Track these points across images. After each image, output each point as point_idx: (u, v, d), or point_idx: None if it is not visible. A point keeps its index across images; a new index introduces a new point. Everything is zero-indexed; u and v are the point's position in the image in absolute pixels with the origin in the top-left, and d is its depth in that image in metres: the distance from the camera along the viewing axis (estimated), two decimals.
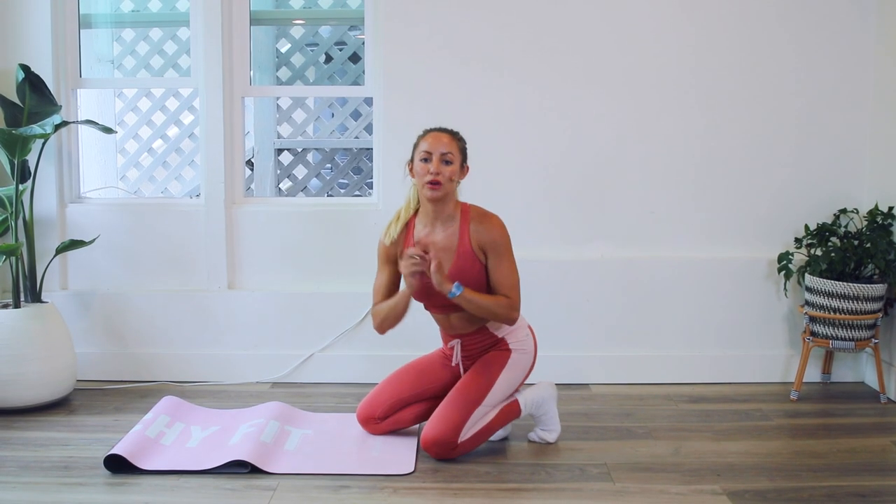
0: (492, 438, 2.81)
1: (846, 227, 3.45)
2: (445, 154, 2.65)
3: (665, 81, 3.48)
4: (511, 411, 2.77)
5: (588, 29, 3.45)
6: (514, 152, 3.48)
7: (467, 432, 2.65)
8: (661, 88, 3.48)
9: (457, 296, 2.60)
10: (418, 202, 2.77)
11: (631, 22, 3.45)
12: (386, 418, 2.84)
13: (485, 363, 2.75)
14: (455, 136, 2.72)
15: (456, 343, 2.82)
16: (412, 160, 2.72)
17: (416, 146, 2.72)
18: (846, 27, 3.46)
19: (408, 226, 2.77)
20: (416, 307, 3.49)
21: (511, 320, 2.69)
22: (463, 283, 2.64)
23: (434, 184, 2.63)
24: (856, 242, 3.31)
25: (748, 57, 3.47)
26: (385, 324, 2.77)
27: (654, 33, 3.46)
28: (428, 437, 2.65)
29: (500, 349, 2.77)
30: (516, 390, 2.81)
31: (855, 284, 3.19)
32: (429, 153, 2.66)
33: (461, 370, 2.83)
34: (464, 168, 2.74)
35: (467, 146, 2.76)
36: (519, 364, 2.77)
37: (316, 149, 5.65)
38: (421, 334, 3.51)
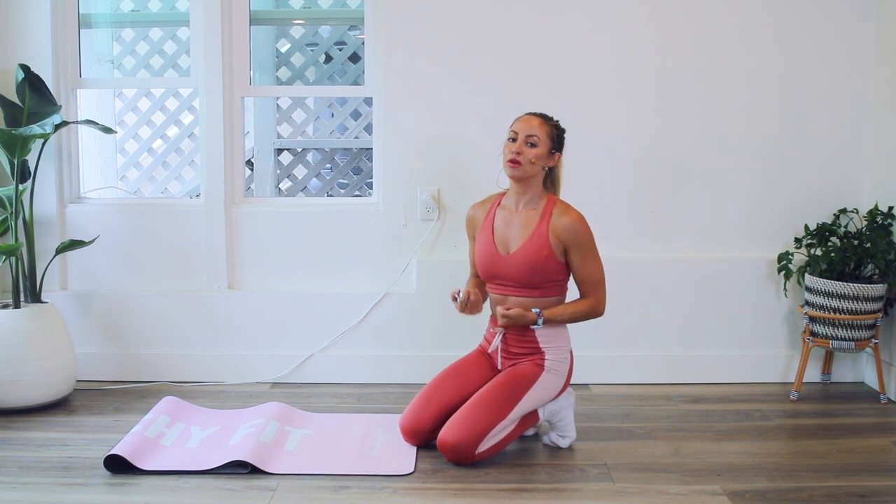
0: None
1: (846, 227, 3.45)
2: (531, 136, 2.70)
3: (662, 82, 3.48)
4: (529, 420, 2.74)
5: (587, 28, 3.45)
6: None
7: (486, 443, 2.62)
8: (659, 88, 3.48)
9: (541, 325, 2.67)
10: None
11: (629, 23, 3.45)
12: (435, 430, 2.73)
13: (516, 377, 2.70)
14: (547, 121, 2.75)
15: (500, 331, 2.79)
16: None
17: (510, 127, 2.77)
18: (846, 27, 3.46)
19: (495, 201, 2.86)
20: (427, 306, 3.50)
21: (600, 314, 2.76)
22: (528, 265, 2.68)
23: (513, 162, 2.69)
24: (856, 242, 3.31)
25: (747, 56, 3.47)
26: None
27: (650, 35, 3.46)
28: (447, 442, 2.60)
29: (535, 363, 2.73)
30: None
31: (855, 284, 3.19)
32: (515, 133, 2.73)
33: (498, 362, 2.80)
34: (553, 155, 2.75)
35: (563, 134, 2.78)
36: (549, 385, 2.73)
37: (316, 149, 5.65)
38: (422, 334, 3.52)
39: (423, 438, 2.75)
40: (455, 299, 2.72)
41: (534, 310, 2.67)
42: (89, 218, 3.54)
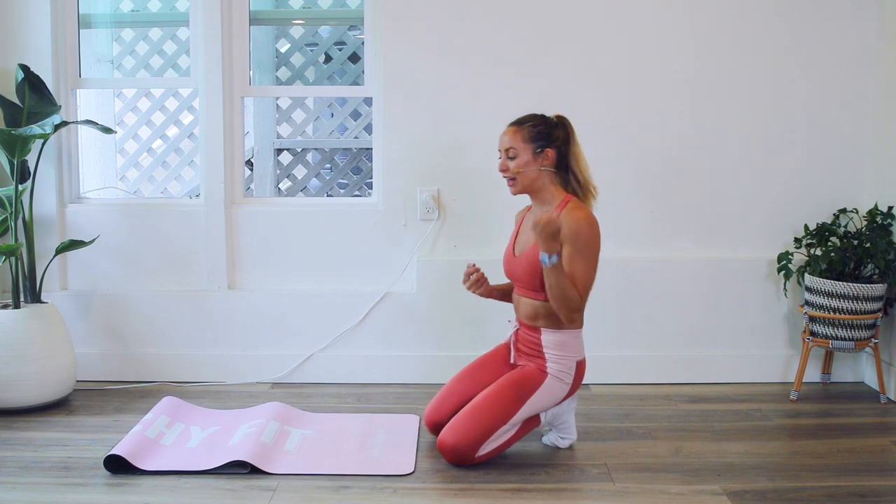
0: None
1: (846, 226, 3.45)
2: (508, 150, 2.70)
3: (663, 81, 3.48)
4: (531, 423, 2.74)
5: (589, 29, 3.45)
6: None
7: (486, 447, 2.62)
8: (659, 88, 3.48)
9: (547, 264, 2.53)
10: None
11: (631, 25, 3.45)
12: None
13: (521, 380, 2.68)
14: (521, 126, 2.71)
15: (514, 326, 2.83)
16: None
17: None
18: (847, 26, 3.46)
19: (531, 205, 2.87)
20: (420, 303, 3.50)
21: (569, 319, 2.60)
22: (530, 266, 2.67)
23: (507, 181, 2.74)
24: (855, 242, 3.31)
25: (747, 56, 3.47)
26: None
27: (650, 34, 3.46)
28: (446, 444, 2.60)
29: (539, 368, 2.70)
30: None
31: (854, 284, 3.19)
32: (499, 151, 2.75)
33: (511, 355, 2.80)
34: (544, 152, 2.68)
35: (548, 126, 2.70)
36: (553, 391, 2.69)
37: (315, 149, 5.65)
38: (422, 334, 3.52)
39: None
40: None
41: (555, 256, 2.53)
42: (89, 218, 3.54)
